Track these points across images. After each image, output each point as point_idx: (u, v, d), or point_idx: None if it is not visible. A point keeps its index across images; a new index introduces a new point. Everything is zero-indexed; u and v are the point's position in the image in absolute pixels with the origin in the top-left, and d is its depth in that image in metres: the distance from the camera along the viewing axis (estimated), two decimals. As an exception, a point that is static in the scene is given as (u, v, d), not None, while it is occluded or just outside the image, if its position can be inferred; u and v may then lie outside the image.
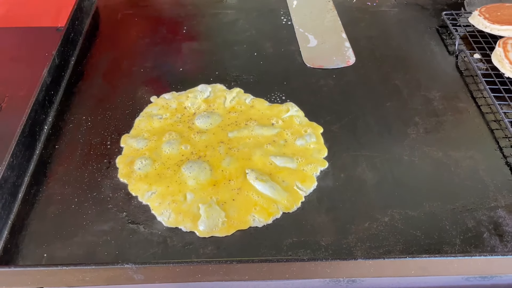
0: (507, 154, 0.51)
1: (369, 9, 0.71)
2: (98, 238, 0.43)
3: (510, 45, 0.59)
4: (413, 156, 0.51)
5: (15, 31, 0.75)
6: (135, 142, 0.51)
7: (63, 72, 0.59)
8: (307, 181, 0.48)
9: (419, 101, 0.57)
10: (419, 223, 0.45)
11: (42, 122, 0.53)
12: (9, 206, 0.45)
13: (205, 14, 0.49)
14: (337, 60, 0.62)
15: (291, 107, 0.56)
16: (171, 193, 0.46)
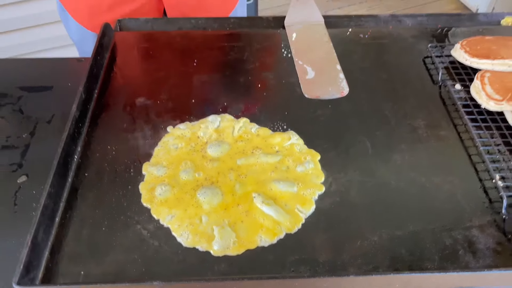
0: (482, 178, 0.58)
1: (362, 41, 0.78)
2: (126, 256, 0.50)
3: (487, 78, 0.66)
4: (400, 181, 0.58)
5: (41, 61, 0.82)
6: (155, 170, 0.58)
7: (88, 105, 0.66)
8: (306, 205, 0.55)
9: (406, 130, 0.64)
10: (403, 241, 0.52)
11: (72, 153, 0.59)
12: (48, 230, 0.52)
13: (213, 47, 0.55)
14: (332, 91, 0.69)
15: (292, 135, 0.63)
16: (188, 216, 0.53)
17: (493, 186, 0.57)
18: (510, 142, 0.61)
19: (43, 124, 0.69)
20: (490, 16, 0.85)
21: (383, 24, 0.82)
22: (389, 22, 0.83)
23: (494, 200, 0.56)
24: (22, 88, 0.75)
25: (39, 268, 0.49)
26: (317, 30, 0.79)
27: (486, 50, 0.70)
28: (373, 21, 0.82)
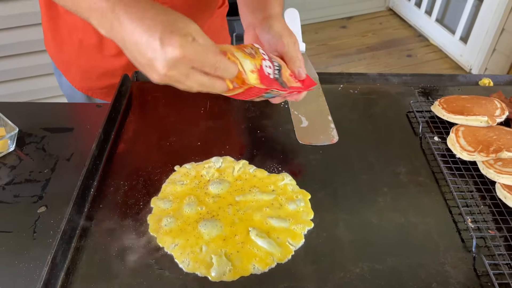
0: (456, 220, 0.65)
1: (352, 96, 0.87)
2: (133, 280, 0.56)
3: (461, 131, 0.74)
4: (381, 220, 0.64)
5: (64, 106, 0.91)
6: (162, 204, 0.65)
7: (106, 145, 0.74)
8: (296, 238, 0.61)
9: (388, 175, 0.71)
10: (383, 274, 0.57)
11: (90, 186, 0.67)
12: (65, 253, 0.58)
13: (219, 97, 0.63)
14: (323, 138, 0.77)
15: (286, 176, 0.70)
16: (190, 245, 0.60)
17: (465, 227, 0.63)
18: (481, 189, 0.68)
19: (63, 161, 0.77)
20: (469, 77, 0.94)
21: (371, 81, 0.92)
22: (377, 80, 0.92)
23: (466, 240, 0.62)
24: (46, 129, 0.83)
25: (56, 287, 0.55)
26: (312, 85, 0.89)
27: (461, 107, 0.78)
28: (363, 79, 0.92)
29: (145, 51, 0.49)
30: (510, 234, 0.62)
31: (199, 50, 0.50)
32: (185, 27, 0.50)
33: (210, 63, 0.51)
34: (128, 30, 0.50)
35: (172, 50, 0.48)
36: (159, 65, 0.49)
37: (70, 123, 0.85)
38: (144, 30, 0.49)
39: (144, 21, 0.49)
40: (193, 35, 0.49)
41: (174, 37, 0.48)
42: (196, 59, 0.50)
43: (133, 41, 0.50)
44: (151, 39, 0.48)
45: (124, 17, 0.49)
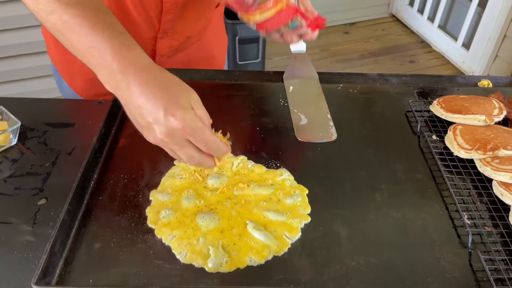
0: (453, 217, 0.65)
1: (351, 95, 0.88)
2: (130, 269, 0.57)
3: (458, 130, 0.75)
4: (378, 216, 0.64)
5: (66, 102, 0.92)
6: (161, 196, 0.66)
7: (106, 139, 0.75)
8: (293, 232, 0.61)
9: (386, 172, 0.72)
10: (378, 268, 0.58)
11: (90, 178, 0.68)
12: (64, 243, 0.59)
13: (219, 95, 0.64)
14: (322, 136, 0.78)
15: (284, 172, 0.71)
16: (187, 237, 0.60)
17: (461, 224, 0.64)
18: (478, 186, 0.68)
19: (64, 156, 0.78)
20: (468, 78, 0.95)
21: (371, 81, 0.92)
22: (377, 80, 0.93)
23: (462, 236, 0.62)
24: (48, 124, 0.84)
25: (54, 275, 0.55)
26: (312, 84, 0.90)
27: (459, 106, 0.79)
28: (362, 79, 0.93)
29: (146, 115, 0.52)
30: (506, 231, 0.62)
31: (198, 126, 0.52)
32: (188, 100, 0.53)
33: (204, 141, 0.54)
34: (134, 94, 0.52)
35: (174, 121, 0.51)
36: (158, 130, 0.52)
37: (72, 118, 0.86)
38: (150, 98, 0.51)
39: (152, 89, 0.51)
40: (194, 109, 0.53)
41: (177, 109, 0.51)
42: (192, 134, 0.52)
43: (137, 104, 0.52)
44: (155, 106, 0.51)
45: (132, 81, 0.52)
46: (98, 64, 0.53)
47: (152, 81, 0.52)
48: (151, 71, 0.53)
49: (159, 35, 0.85)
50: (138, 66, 0.52)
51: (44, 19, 0.55)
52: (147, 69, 0.53)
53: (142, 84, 0.52)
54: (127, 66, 0.52)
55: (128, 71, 0.52)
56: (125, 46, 0.53)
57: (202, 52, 0.95)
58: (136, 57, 0.53)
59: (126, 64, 0.52)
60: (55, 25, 0.54)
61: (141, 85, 0.51)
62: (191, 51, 0.94)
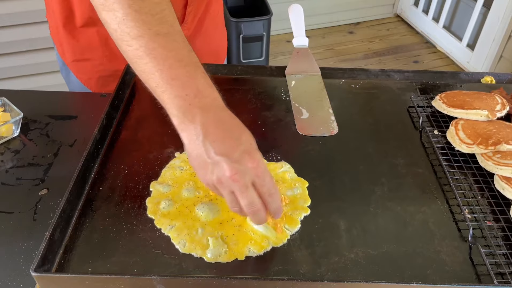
0: (454, 211, 0.65)
1: (353, 90, 0.88)
2: (130, 259, 0.57)
3: (460, 125, 0.74)
4: (377, 209, 0.64)
5: (68, 94, 0.93)
6: (161, 187, 0.66)
7: (108, 131, 0.75)
8: (293, 224, 0.61)
9: (386, 166, 0.71)
10: (377, 260, 0.58)
11: (90, 169, 0.68)
12: (64, 231, 0.59)
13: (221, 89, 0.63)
14: (323, 129, 0.78)
15: (284, 165, 0.70)
16: (187, 227, 0.60)
17: (462, 218, 0.63)
18: (479, 180, 0.68)
19: (66, 147, 0.78)
20: (471, 75, 0.94)
21: (373, 77, 0.92)
22: (379, 76, 0.93)
23: (462, 229, 0.62)
24: (50, 116, 0.85)
25: (53, 262, 0.55)
26: (314, 79, 0.89)
27: (461, 101, 0.78)
28: (365, 74, 0.92)
29: (219, 151, 0.50)
30: (507, 225, 0.62)
31: (268, 171, 0.53)
32: (255, 142, 0.54)
33: (269, 187, 0.53)
34: (210, 130, 0.51)
35: (249, 160, 0.51)
36: (229, 167, 0.50)
37: (74, 111, 0.86)
38: (226, 136, 0.51)
39: (229, 130, 0.52)
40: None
41: (254, 150, 0.52)
42: (262, 177, 0.52)
43: (211, 139, 0.51)
44: (232, 144, 0.51)
45: (211, 119, 0.52)
46: (176, 96, 0.52)
47: (229, 122, 0.53)
48: (226, 112, 0.54)
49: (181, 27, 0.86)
50: (217, 106, 0.53)
51: (126, 42, 0.53)
52: (223, 110, 0.54)
53: (218, 122, 0.52)
54: (207, 104, 0.52)
55: (208, 108, 0.52)
56: (209, 87, 0.54)
57: (205, 45, 0.95)
58: (216, 98, 0.54)
59: (207, 102, 0.52)
60: (137, 50, 0.53)
61: (217, 124, 0.52)
62: (196, 46, 0.94)
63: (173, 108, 0.52)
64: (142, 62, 0.53)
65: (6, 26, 1.76)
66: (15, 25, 1.77)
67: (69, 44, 0.88)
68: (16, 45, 1.83)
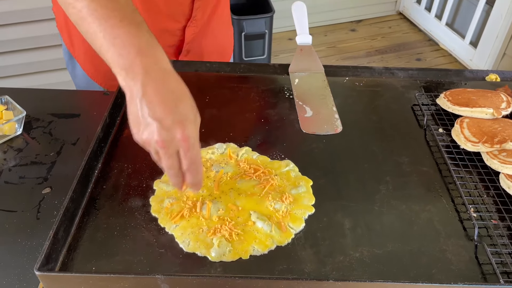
0: (459, 210, 0.64)
1: (357, 88, 0.88)
2: (134, 258, 0.56)
3: (465, 123, 0.74)
4: (382, 207, 0.64)
5: (71, 92, 0.92)
6: (165, 186, 0.65)
7: (111, 129, 0.75)
8: (297, 222, 0.61)
9: (391, 164, 0.71)
10: (382, 259, 0.57)
11: (94, 167, 0.68)
12: (68, 230, 0.59)
13: (224, 87, 0.64)
14: (327, 128, 0.77)
15: (288, 163, 0.70)
16: (191, 226, 0.60)
17: (467, 217, 0.63)
18: (484, 179, 0.68)
19: (69, 146, 0.78)
20: (476, 72, 0.94)
21: (377, 75, 0.92)
22: (383, 74, 0.92)
23: (468, 228, 0.61)
24: (53, 115, 0.85)
25: (57, 261, 0.55)
26: (317, 77, 0.89)
27: (467, 99, 0.78)
28: (368, 72, 0.92)
29: (154, 113, 0.50)
30: (513, 224, 0.62)
31: (196, 146, 0.53)
32: (195, 118, 0.53)
33: (192, 160, 0.53)
34: (150, 91, 0.51)
35: (180, 132, 0.51)
36: (158, 132, 0.50)
37: (77, 109, 0.86)
38: (164, 100, 0.51)
39: (168, 93, 0.52)
40: (196, 122, 0.53)
41: (188, 122, 0.52)
42: (188, 151, 0.52)
43: (149, 100, 0.51)
44: (167, 109, 0.51)
45: (152, 79, 0.51)
46: (118, 54, 0.52)
47: (170, 87, 0.52)
48: (172, 76, 0.53)
49: (189, 23, 0.86)
50: (160, 68, 0.53)
51: (70, 4, 0.55)
52: (168, 73, 0.53)
53: (160, 85, 0.51)
54: (149, 64, 0.52)
55: (150, 69, 0.52)
56: (151, 46, 0.53)
57: (213, 43, 0.95)
58: (159, 59, 0.53)
59: (149, 61, 0.52)
60: (80, 11, 0.54)
61: (158, 85, 0.51)
62: (204, 43, 0.94)
63: (116, 66, 0.52)
64: (86, 22, 0.54)
65: (8, 24, 1.75)
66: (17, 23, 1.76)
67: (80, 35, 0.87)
68: (18, 43, 1.82)
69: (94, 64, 0.92)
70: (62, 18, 0.88)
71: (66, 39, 0.91)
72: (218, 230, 0.59)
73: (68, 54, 0.94)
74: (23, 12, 1.74)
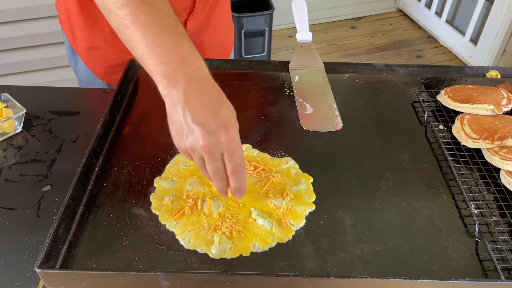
0: (459, 206, 0.64)
1: (357, 85, 0.87)
2: (134, 255, 0.56)
3: (466, 119, 0.74)
4: (383, 204, 0.64)
5: (71, 90, 0.92)
6: (165, 183, 0.65)
7: (111, 127, 0.74)
8: (298, 219, 0.61)
9: (391, 161, 0.71)
10: (383, 255, 0.57)
11: (94, 165, 0.67)
12: (68, 228, 0.59)
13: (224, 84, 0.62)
14: (327, 125, 0.77)
15: (289, 160, 0.70)
16: (191, 223, 0.60)
17: (468, 213, 0.63)
18: (485, 176, 0.67)
19: (69, 143, 0.78)
20: (476, 69, 0.94)
21: (377, 71, 0.91)
22: (383, 71, 0.92)
23: (468, 225, 0.61)
24: (53, 112, 0.85)
25: (58, 259, 0.55)
26: (318, 74, 0.89)
27: (467, 96, 0.78)
28: (369, 69, 0.92)
29: (196, 119, 0.51)
30: (513, 220, 0.61)
31: (240, 148, 0.53)
32: (235, 117, 0.54)
33: (236, 163, 0.53)
34: (191, 97, 0.51)
35: (224, 133, 0.51)
36: (203, 137, 0.50)
37: (77, 107, 0.86)
38: (206, 105, 0.51)
39: (210, 98, 0.52)
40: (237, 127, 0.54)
41: (230, 124, 0.52)
42: (233, 153, 0.52)
43: (191, 106, 0.51)
44: (210, 114, 0.51)
45: (193, 86, 0.52)
46: (161, 62, 0.52)
47: (211, 92, 0.53)
48: (212, 83, 0.54)
49: (190, 16, 0.86)
50: (201, 76, 0.53)
51: (112, 12, 0.55)
52: (209, 81, 0.54)
53: (201, 91, 0.52)
54: (191, 72, 0.52)
55: (192, 76, 0.52)
56: (194, 55, 0.54)
57: (214, 38, 0.96)
58: (201, 67, 0.54)
59: (191, 70, 0.53)
60: (123, 19, 0.54)
61: (199, 91, 0.52)
62: (206, 37, 0.94)
63: (158, 74, 0.53)
64: (128, 30, 0.54)
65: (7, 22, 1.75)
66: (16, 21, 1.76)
67: (82, 31, 0.88)
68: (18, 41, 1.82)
69: (95, 59, 0.92)
70: (64, 14, 0.88)
71: (69, 34, 0.91)
72: (218, 227, 0.59)
73: (70, 49, 0.94)
74: (22, 10, 1.74)
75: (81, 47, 0.91)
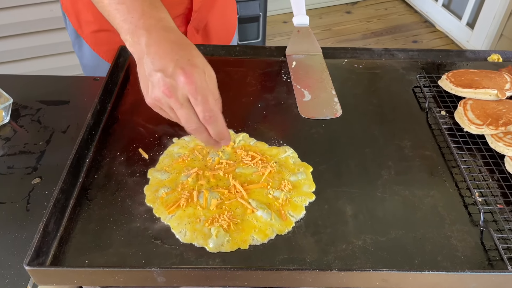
0: (463, 194, 0.62)
1: (356, 70, 0.85)
2: (128, 250, 0.54)
3: (469, 105, 0.71)
4: (385, 193, 0.62)
5: (60, 79, 0.89)
6: (159, 175, 0.63)
7: (102, 116, 0.72)
8: (297, 210, 0.59)
9: (393, 149, 0.69)
10: (386, 246, 0.55)
11: (85, 156, 0.65)
12: (59, 222, 0.56)
13: (219, 71, 0.60)
14: (326, 112, 0.75)
15: (287, 149, 0.68)
16: (187, 216, 0.58)
17: (472, 201, 0.61)
18: (489, 163, 0.66)
19: (59, 134, 0.75)
20: (477, 53, 0.91)
21: (376, 56, 0.89)
22: (383, 55, 0.89)
23: (473, 214, 0.60)
24: (42, 102, 0.82)
25: (48, 255, 0.53)
26: (316, 59, 0.86)
27: (470, 80, 0.75)
28: (368, 54, 0.89)
29: (156, 67, 0.50)
30: (519, 208, 0.60)
31: (204, 87, 0.50)
32: (202, 65, 0.52)
33: (204, 107, 0.51)
34: (152, 48, 0.51)
35: (181, 74, 0.49)
36: (162, 83, 0.50)
37: (67, 95, 0.83)
38: (166, 51, 0.50)
39: (170, 45, 0.51)
40: (205, 71, 0.51)
41: (188, 65, 0.50)
42: (196, 93, 0.50)
43: (151, 56, 0.51)
44: (168, 59, 0.50)
45: (153, 38, 0.51)
46: (124, 19, 0.53)
47: (172, 39, 0.52)
48: (173, 32, 0.53)
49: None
50: (162, 26, 0.53)
51: None
52: (170, 30, 0.53)
53: (161, 40, 0.51)
54: (152, 24, 0.52)
55: (152, 28, 0.52)
56: (154, 8, 0.54)
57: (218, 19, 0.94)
58: (162, 19, 0.54)
59: (151, 23, 0.52)
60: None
61: (160, 41, 0.51)
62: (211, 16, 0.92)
63: (122, 32, 0.54)
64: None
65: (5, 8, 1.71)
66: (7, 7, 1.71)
67: (90, 14, 0.86)
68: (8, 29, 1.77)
69: (104, 42, 0.90)
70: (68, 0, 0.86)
71: (74, 19, 0.89)
72: (216, 220, 0.57)
73: (74, 34, 0.92)
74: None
75: (88, 31, 0.89)
